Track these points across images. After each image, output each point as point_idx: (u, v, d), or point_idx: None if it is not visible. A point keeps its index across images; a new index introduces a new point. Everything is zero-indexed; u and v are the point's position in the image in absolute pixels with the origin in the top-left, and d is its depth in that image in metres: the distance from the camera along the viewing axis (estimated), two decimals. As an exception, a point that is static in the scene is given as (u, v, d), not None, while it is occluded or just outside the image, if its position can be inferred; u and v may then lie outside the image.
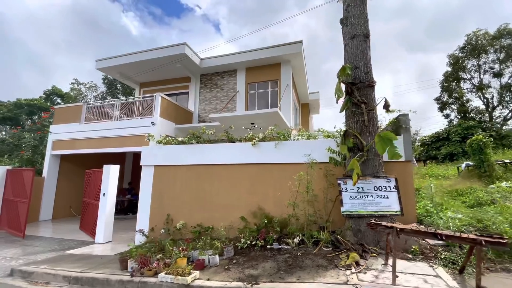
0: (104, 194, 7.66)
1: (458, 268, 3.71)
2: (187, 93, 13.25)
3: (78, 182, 11.80)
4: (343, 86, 5.24)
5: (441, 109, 25.25)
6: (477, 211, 5.43)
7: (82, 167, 11.76)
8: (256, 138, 6.34)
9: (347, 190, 4.95)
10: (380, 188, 4.77)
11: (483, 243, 3.19)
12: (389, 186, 4.73)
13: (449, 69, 24.07)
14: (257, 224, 5.67)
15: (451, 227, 4.49)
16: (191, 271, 4.14)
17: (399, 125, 5.42)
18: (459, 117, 23.76)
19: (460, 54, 23.32)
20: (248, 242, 5.16)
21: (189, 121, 12.38)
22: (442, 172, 11.29)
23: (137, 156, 11.64)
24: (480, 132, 19.22)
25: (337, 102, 5.19)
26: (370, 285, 3.30)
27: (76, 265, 5.30)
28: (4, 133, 26.98)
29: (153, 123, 9.89)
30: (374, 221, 3.80)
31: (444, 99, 24.93)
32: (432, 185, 6.92)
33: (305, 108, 17.45)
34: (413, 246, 4.25)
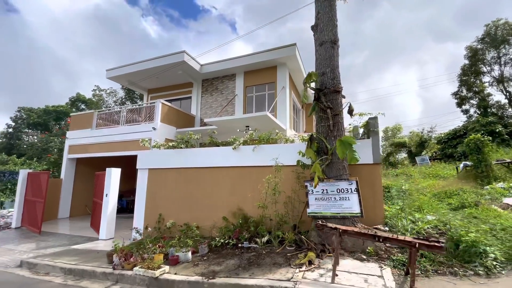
0: (106, 194, 8.40)
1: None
2: (190, 97, 13.88)
3: (93, 183, 12.84)
4: (311, 92, 5.45)
5: (459, 104, 24.02)
6: (447, 214, 5.40)
7: (96, 169, 12.77)
8: (237, 142, 6.69)
9: (313, 192, 5.17)
10: (342, 190, 4.94)
11: (417, 246, 3.33)
12: (351, 189, 4.89)
13: (467, 62, 22.84)
14: (234, 224, 6.03)
15: (410, 230, 4.56)
16: (161, 265, 4.60)
17: (369, 128, 5.53)
18: (479, 112, 22.48)
19: (479, 46, 22.03)
20: (222, 240, 5.55)
21: (191, 125, 12.97)
22: (443, 172, 10.92)
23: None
24: (500, 129, 18.16)
25: (302, 108, 5.40)
26: (310, 282, 3.56)
27: (74, 258, 5.98)
28: (35, 137, 29.46)
29: (154, 128, 10.56)
30: (320, 223, 4.01)
31: (463, 94, 23.69)
32: (403, 186, 6.88)
33: (308, 108, 17.45)
34: (369, 247, 4.40)
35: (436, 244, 3.26)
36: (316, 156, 5.24)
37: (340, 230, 3.72)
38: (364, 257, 4.31)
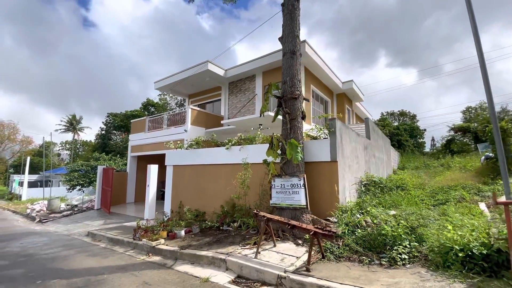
0: (148, 185, 10.78)
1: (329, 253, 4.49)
2: (220, 100, 15.59)
3: (148, 175, 16.00)
4: (273, 100, 6.22)
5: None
6: (418, 209, 5.49)
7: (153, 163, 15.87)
8: (229, 144, 7.92)
9: (275, 186, 6.03)
10: (294, 185, 5.66)
11: (316, 233, 4.04)
12: (300, 184, 5.57)
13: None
14: (223, 211, 7.36)
15: (347, 222, 4.99)
16: (159, 239, 6.32)
17: (328, 129, 5.98)
18: None
19: None
20: (210, 224, 6.97)
21: (220, 125, 14.68)
22: (470, 163, 9.75)
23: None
24: None
25: (261, 115, 6.23)
26: (239, 256, 4.63)
27: (119, 231, 8.32)
28: (119, 137, 36.55)
29: (185, 130, 12.62)
30: (255, 211, 4.92)
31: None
32: (362, 181, 6.85)
33: (341, 98, 17.14)
34: (307, 235, 5.10)
35: (327, 233, 3.91)
36: (277, 155, 6.06)
37: (265, 218, 4.63)
38: (300, 242, 5.06)
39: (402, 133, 40.44)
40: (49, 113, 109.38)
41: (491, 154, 8.15)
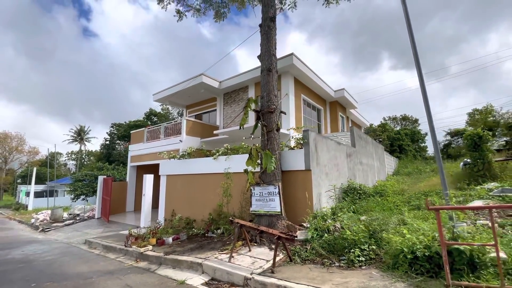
0: (144, 194, 11.26)
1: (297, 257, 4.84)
2: (216, 110, 16.14)
3: (148, 184, 16.51)
4: (252, 113, 6.68)
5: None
6: (388, 215, 5.80)
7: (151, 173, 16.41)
8: (217, 154, 8.37)
9: (254, 194, 6.43)
10: (271, 193, 6.04)
11: (280, 237, 4.41)
12: (275, 192, 5.95)
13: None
14: (210, 219, 7.76)
15: (317, 227, 5.34)
16: (148, 245, 6.73)
17: (303, 139, 6.39)
18: None
19: None
20: (196, 231, 7.37)
21: (215, 135, 15.18)
22: (450, 169, 10.00)
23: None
24: None
25: (240, 128, 6.67)
26: (214, 260, 5.01)
27: (113, 239, 8.76)
28: (123, 147, 37.39)
29: (180, 141, 13.15)
30: (230, 219, 5.31)
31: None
32: (343, 188, 7.17)
33: (334, 106, 17.54)
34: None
35: (289, 237, 4.29)
36: (256, 165, 6.47)
37: (239, 224, 5.02)
38: (273, 247, 5.41)
39: (403, 138, 40.44)
40: (53, 122, 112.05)
41: (469, 160, 8.40)
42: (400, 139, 39.83)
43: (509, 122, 20.12)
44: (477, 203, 6.18)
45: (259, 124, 6.62)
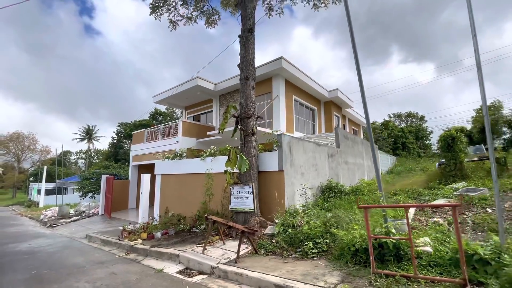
0: (141, 192, 12.02)
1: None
2: (212, 111, 16.77)
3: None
4: (232, 119, 7.25)
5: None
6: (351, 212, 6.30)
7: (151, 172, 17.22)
8: (204, 155, 8.98)
9: (233, 193, 7.02)
10: (246, 192, 6.62)
11: (243, 232, 4.99)
12: (250, 191, 6.52)
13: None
14: (196, 215, 8.40)
15: (284, 222, 5.88)
16: (138, 239, 7.42)
17: (276, 143, 6.93)
18: None
19: None
20: (183, 226, 8.02)
21: (211, 135, 15.82)
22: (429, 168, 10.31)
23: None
24: None
25: (219, 132, 7.24)
26: (190, 252, 5.63)
27: (111, 234, 9.52)
28: (129, 146, 38.57)
29: (177, 141, 13.84)
30: (206, 215, 5.91)
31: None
32: (321, 187, 7.68)
33: (328, 106, 17.90)
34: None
35: (250, 231, 4.87)
36: (234, 166, 7.05)
37: (212, 220, 5.63)
38: (245, 241, 6.00)
39: (406, 135, 40.25)
40: (60, 121, 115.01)
41: (443, 160, 8.73)
42: (403, 137, 39.67)
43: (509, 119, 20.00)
44: (440, 201, 6.61)
45: (238, 129, 7.18)
